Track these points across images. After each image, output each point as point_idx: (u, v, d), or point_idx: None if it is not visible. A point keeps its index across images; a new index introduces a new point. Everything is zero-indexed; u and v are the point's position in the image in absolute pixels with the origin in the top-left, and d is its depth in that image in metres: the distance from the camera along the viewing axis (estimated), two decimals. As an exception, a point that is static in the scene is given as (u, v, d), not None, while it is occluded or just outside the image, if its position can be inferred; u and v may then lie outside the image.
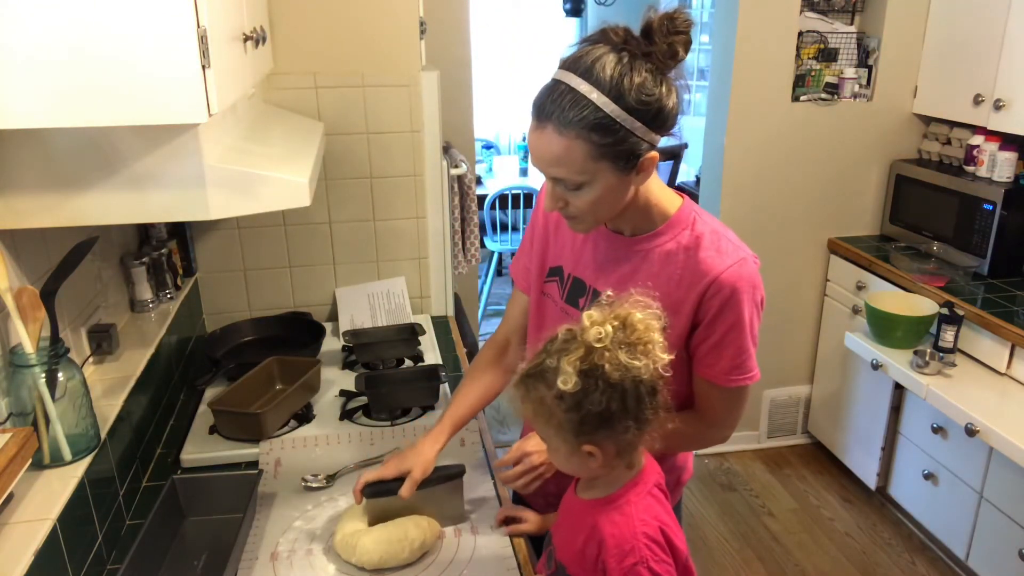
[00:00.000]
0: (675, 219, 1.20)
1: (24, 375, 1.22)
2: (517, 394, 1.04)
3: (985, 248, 2.64)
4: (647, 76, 1.04)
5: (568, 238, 1.31)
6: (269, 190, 1.30)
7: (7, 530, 1.10)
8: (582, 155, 1.05)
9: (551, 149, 1.07)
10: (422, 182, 2.20)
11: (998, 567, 2.38)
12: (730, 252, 1.16)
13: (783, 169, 3.01)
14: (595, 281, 1.26)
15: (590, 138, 1.04)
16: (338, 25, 2.02)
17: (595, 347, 0.97)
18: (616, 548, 1.02)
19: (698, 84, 6.26)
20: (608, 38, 1.06)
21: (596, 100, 1.03)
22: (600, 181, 1.09)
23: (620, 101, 1.03)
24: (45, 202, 1.20)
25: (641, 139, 1.06)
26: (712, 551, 2.78)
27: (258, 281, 2.20)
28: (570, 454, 1.04)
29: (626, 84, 1.03)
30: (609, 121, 1.03)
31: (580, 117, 1.03)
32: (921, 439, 2.66)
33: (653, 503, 1.07)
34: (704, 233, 1.18)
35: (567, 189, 1.11)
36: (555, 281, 1.33)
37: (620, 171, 1.09)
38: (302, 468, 1.54)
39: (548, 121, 1.06)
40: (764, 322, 1.22)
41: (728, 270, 1.14)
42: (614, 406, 0.98)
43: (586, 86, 1.03)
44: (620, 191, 1.12)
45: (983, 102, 2.65)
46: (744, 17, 2.79)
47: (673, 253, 1.18)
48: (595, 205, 1.12)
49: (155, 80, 1.08)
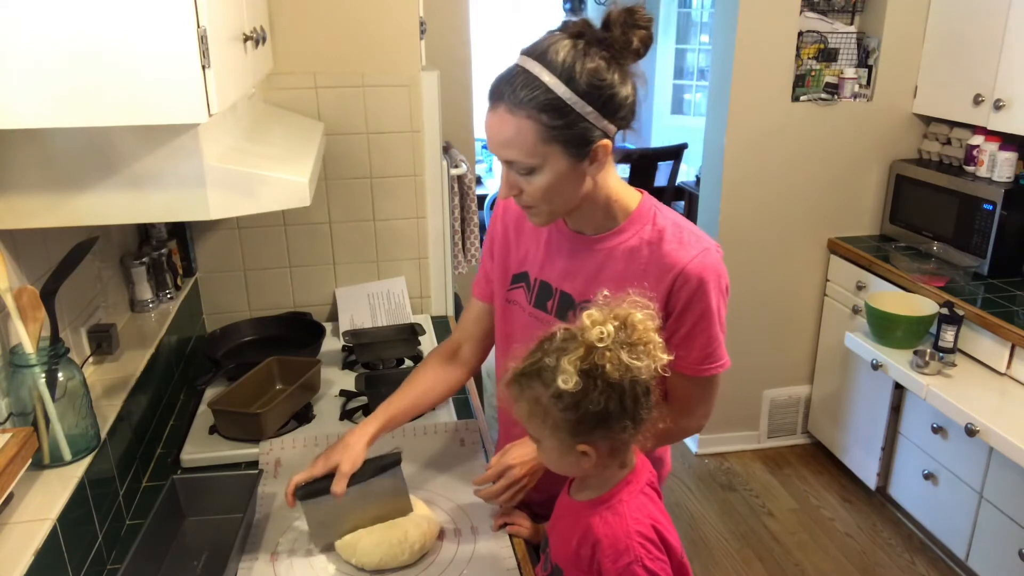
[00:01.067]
0: (636, 215, 1.21)
1: (24, 375, 1.22)
2: (510, 393, 1.04)
3: (985, 248, 2.64)
4: (600, 63, 1.06)
5: (531, 243, 1.31)
6: (269, 190, 1.30)
7: (7, 530, 1.10)
8: (533, 136, 1.07)
9: (503, 130, 1.09)
10: (422, 182, 2.20)
11: (998, 567, 2.38)
12: (693, 243, 1.17)
13: (783, 169, 3.01)
14: (561, 283, 1.26)
15: (540, 119, 1.06)
16: (338, 25, 2.02)
17: (597, 347, 0.97)
18: (611, 548, 1.03)
19: (698, 84, 6.28)
20: (567, 27, 1.09)
21: (547, 81, 1.05)
22: (552, 166, 1.10)
23: (571, 84, 1.05)
24: (45, 202, 1.20)
25: (593, 125, 1.08)
26: (712, 551, 2.78)
27: (258, 281, 2.20)
28: (564, 453, 1.04)
29: (578, 68, 1.05)
30: (559, 103, 1.05)
31: (531, 97, 1.05)
32: (921, 439, 2.66)
33: (646, 501, 1.08)
34: (666, 227, 1.19)
35: (520, 174, 1.12)
36: (521, 287, 1.33)
37: (572, 157, 1.10)
38: (302, 468, 1.52)
39: (501, 102, 1.08)
40: (764, 322, 1.23)
41: (693, 261, 1.16)
42: (612, 406, 0.98)
43: (538, 68, 1.06)
44: (574, 180, 1.13)
45: (983, 102, 2.65)
46: (744, 17, 2.79)
47: (636, 249, 1.20)
48: (548, 192, 1.13)
49: (155, 80, 1.08)
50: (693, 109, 6.36)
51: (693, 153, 4.53)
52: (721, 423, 3.32)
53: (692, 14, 6.21)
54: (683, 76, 6.40)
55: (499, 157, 1.13)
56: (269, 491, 1.48)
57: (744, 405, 3.32)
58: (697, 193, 3.34)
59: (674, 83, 6.43)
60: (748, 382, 3.27)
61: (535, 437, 1.07)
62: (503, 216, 1.38)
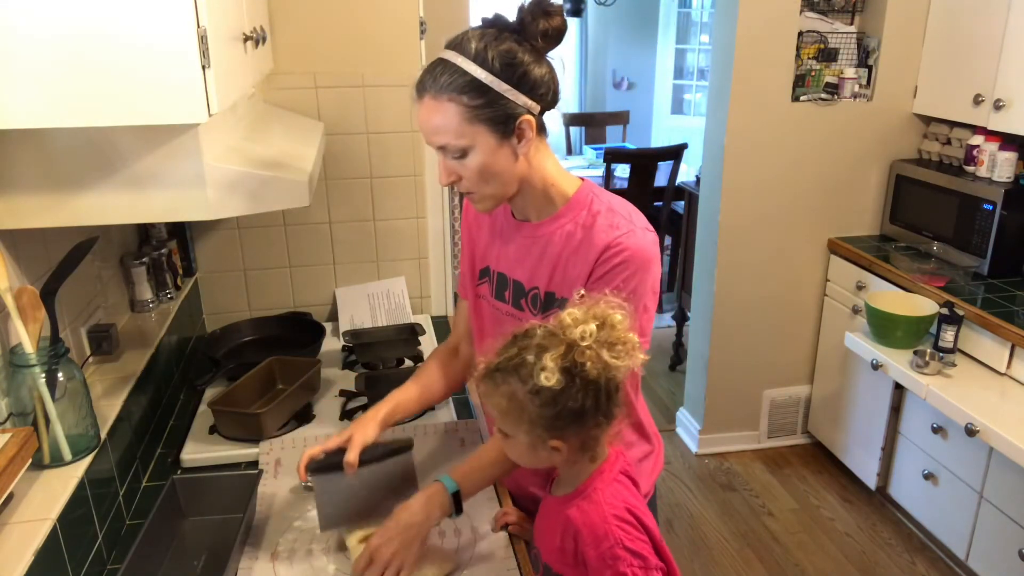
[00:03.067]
0: (574, 200, 1.26)
1: (24, 375, 1.22)
2: (484, 388, 1.06)
3: (985, 248, 2.64)
4: (512, 44, 1.15)
5: (489, 237, 1.37)
6: (269, 190, 1.31)
7: (7, 530, 1.10)
8: (457, 117, 1.14)
9: (431, 117, 1.16)
10: (422, 182, 2.20)
11: (998, 567, 2.38)
12: (621, 225, 1.22)
13: (783, 169, 3.01)
14: (512, 271, 1.32)
15: (461, 100, 1.13)
16: (338, 25, 2.02)
17: (578, 345, 0.99)
18: (590, 535, 1.05)
19: (698, 84, 6.28)
20: (483, 21, 1.20)
21: (463, 65, 1.13)
22: (481, 146, 1.16)
23: (485, 65, 1.13)
24: (45, 202, 1.20)
25: (513, 102, 1.15)
26: (712, 551, 2.78)
27: (258, 281, 2.20)
28: (535, 448, 1.06)
29: (491, 51, 1.14)
30: (477, 83, 1.13)
31: (450, 82, 1.13)
32: (921, 439, 2.66)
33: (619, 488, 1.10)
34: (600, 211, 1.24)
35: (453, 158, 1.18)
36: (485, 282, 1.39)
37: (498, 135, 1.16)
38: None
39: (425, 92, 1.16)
40: (764, 322, 1.23)
41: (617, 239, 1.20)
42: (588, 403, 1.00)
43: (456, 56, 1.14)
44: (504, 158, 1.18)
45: (983, 102, 2.64)
46: (744, 17, 2.79)
47: (572, 233, 1.25)
48: (483, 174, 1.18)
49: (155, 80, 1.08)
50: (693, 109, 6.36)
51: (693, 153, 4.53)
52: (721, 423, 3.32)
53: (692, 14, 6.21)
54: (683, 76, 6.40)
55: (432, 145, 1.19)
56: (269, 491, 1.48)
57: (744, 405, 3.32)
58: (697, 193, 3.34)
59: (674, 83, 6.43)
60: (748, 382, 3.27)
61: (506, 432, 1.08)
62: (466, 217, 1.44)
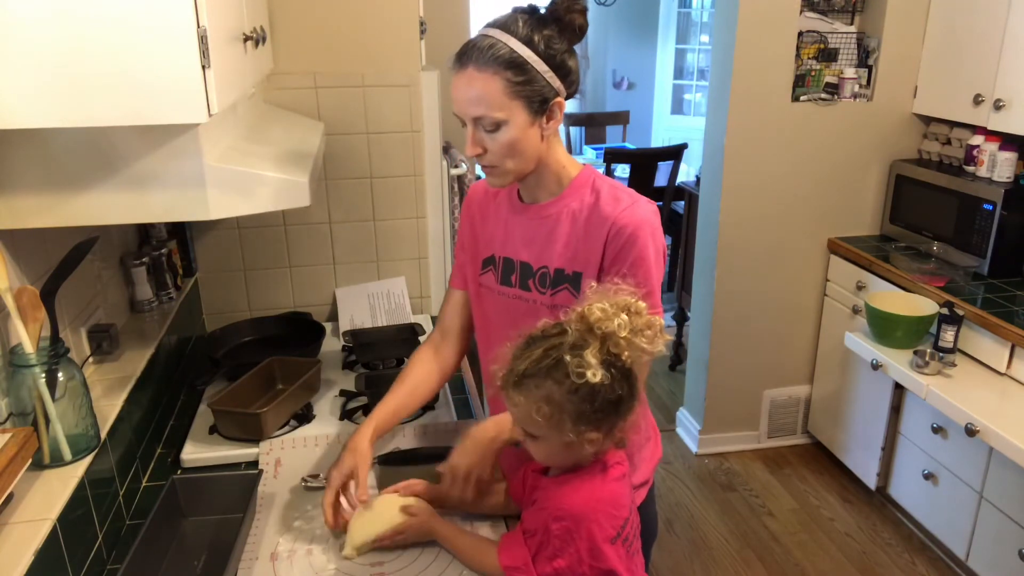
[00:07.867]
0: (577, 181, 1.33)
1: (24, 375, 1.22)
2: (517, 397, 1.06)
3: (985, 248, 2.64)
4: (553, 32, 1.23)
5: (494, 226, 1.41)
6: (269, 190, 1.31)
7: (7, 530, 1.10)
8: (499, 90, 1.19)
9: (472, 87, 1.20)
10: (422, 182, 2.20)
11: (998, 567, 2.38)
12: (625, 199, 1.28)
13: (783, 169, 3.01)
14: (520, 254, 1.36)
15: (506, 75, 1.19)
16: (338, 25, 2.02)
17: (614, 336, 1.01)
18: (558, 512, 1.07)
19: (698, 84, 6.28)
20: (522, 8, 1.26)
21: (509, 42, 1.19)
22: (515, 120, 1.21)
23: (531, 45, 1.20)
24: (45, 202, 1.20)
25: (550, 84, 1.22)
26: (712, 551, 2.78)
27: (258, 281, 2.20)
28: (568, 445, 1.06)
29: (536, 35, 1.21)
30: (521, 60, 1.19)
31: (497, 56, 1.19)
32: (921, 439, 2.66)
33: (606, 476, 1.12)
34: (603, 189, 1.31)
35: (487, 130, 1.23)
36: (490, 270, 1.41)
37: (532, 113, 1.22)
38: (302, 468, 1.54)
39: (469, 62, 1.20)
40: (764, 322, 1.24)
41: (623, 212, 1.26)
42: (624, 391, 1.02)
43: (502, 34, 1.20)
44: (533, 136, 1.24)
45: (983, 102, 2.65)
46: (744, 17, 2.79)
47: (578, 211, 1.30)
48: (511, 148, 1.23)
49: (155, 80, 1.08)
50: (693, 109, 6.36)
51: (693, 153, 4.53)
52: (721, 423, 3.32)
53: (692, 14, 6.22)
54: (683, 76, 6.41)
55: (467, 115, 1.23)
56: (269, 491, 1.48)
57: (744, 405, 3.32)
58: (697, 193, 3.33)
59: (674, 83, 6.43)
60: (748, 382, 3.27)
61: (537, 435, 1.07)
62: (468, 209, 1.47)
